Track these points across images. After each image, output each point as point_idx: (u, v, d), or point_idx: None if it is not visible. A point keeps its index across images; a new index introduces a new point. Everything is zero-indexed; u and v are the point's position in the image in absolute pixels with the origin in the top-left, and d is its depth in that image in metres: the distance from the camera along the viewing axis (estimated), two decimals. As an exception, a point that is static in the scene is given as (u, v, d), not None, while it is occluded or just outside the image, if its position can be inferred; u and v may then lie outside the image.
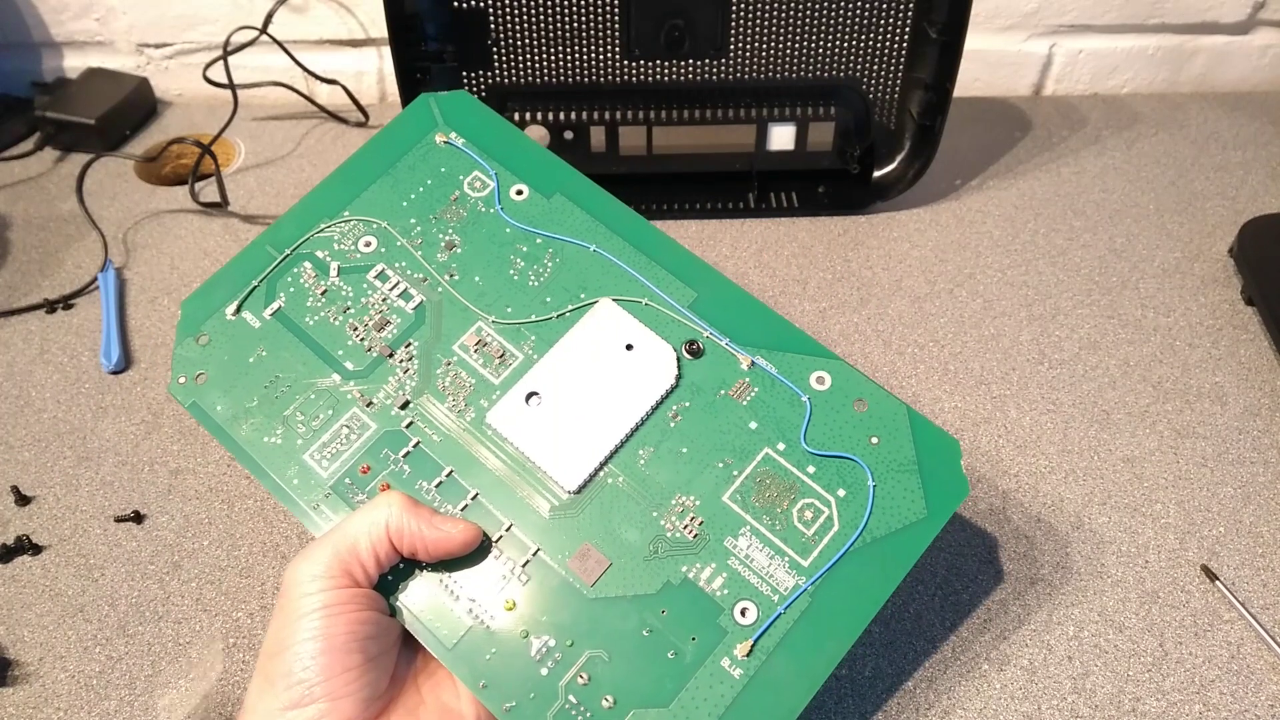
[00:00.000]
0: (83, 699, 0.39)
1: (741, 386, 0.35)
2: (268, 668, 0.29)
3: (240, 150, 0.70)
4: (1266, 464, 0.47)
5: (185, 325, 0.38)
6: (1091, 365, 0.53)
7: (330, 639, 0.28)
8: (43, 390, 0.52)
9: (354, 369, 0.36)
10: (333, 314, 0.37)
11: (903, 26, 0.57)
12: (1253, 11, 0.72)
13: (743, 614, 0.31)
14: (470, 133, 0.40)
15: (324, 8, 0.72)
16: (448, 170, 0.40)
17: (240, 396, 0.36)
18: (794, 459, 0.34)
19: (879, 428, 0.34)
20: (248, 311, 0.37)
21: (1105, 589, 0.42)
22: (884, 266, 0.59)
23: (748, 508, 0.33)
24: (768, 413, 0.34)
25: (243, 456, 0.35)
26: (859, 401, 0.34)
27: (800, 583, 0.32)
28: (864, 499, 0.33)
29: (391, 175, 0.40)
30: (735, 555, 0.32)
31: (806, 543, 0.32)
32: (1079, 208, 0.63)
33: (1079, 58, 0.75)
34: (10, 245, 0.61)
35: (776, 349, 0.35)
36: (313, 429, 0.35)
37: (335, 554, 0.30)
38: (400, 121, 0.41)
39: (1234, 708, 0.38)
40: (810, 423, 0.34)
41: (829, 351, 0.35)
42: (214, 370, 0.36)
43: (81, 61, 0.75)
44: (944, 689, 0.39)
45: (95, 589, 0.43)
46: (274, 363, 0.36)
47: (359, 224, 0.39)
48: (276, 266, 0.38)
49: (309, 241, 0.39)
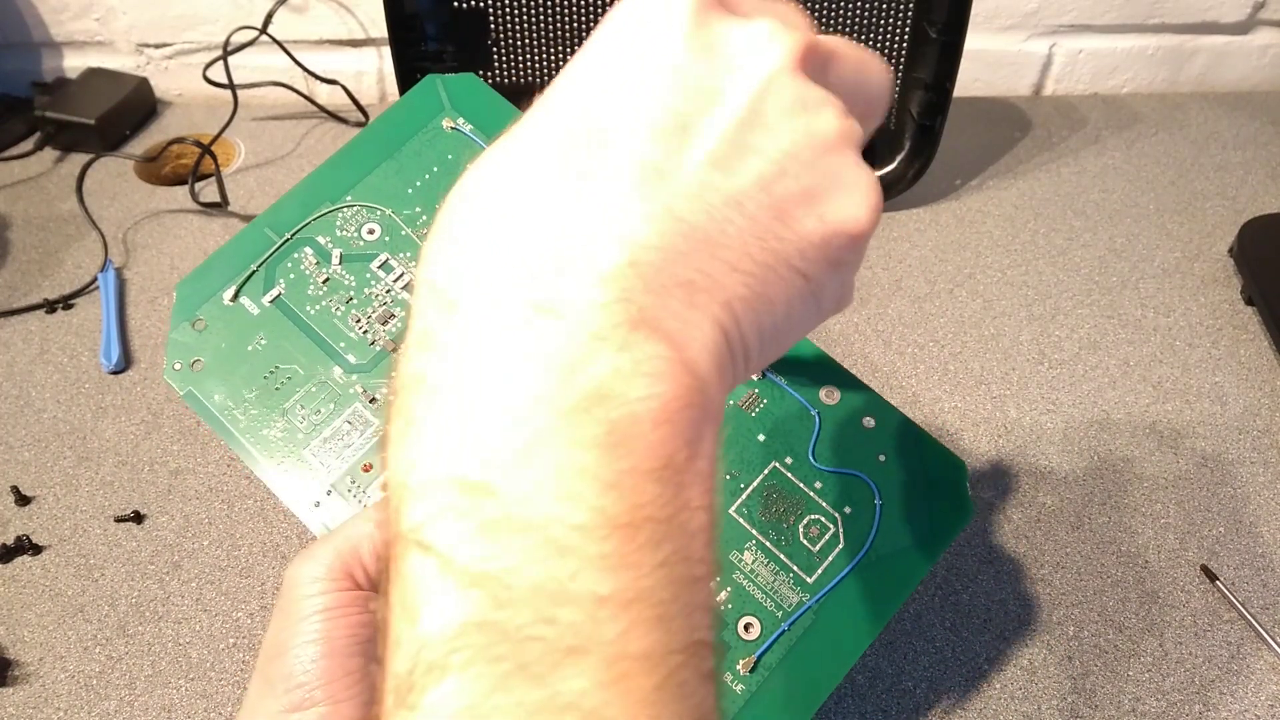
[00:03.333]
0: (83, 699, 0.39)
1: (751, 398, 0.34)
2: (268, 669, 0.29)
3: (240, 150, 0.70)
4: (1266, 464, 0.47)
5: (180, 309, 0.36)
6: (1091, 365, 0.53)
7: (331, 642, 0.28)
8: (43, 390, 0.52)
9: (357, 362, 0.35)
10: (335, 304, 0.36)
11: (903, 26, 0.57)
12: (1253, 11, 0.72)
13: (746, 629, 0.31)
14: (478, 118, 0.39)
15: (324, 8, 0.72)
16: (455, 157, 0.38)
17: (238, 385, 0.35)
18: (801, 474, 0.33)
19: (887, 445, 0.34)
20: (246, 297, 0.36)
21: (1105, 589, 0.42)
22: (884, 266, 0.59)
23: (754, 522, 0.33)
24: (776, 426, 0.34)
25: (240, 448, 0.34)
26: (867, 418, 0.34)
27: (804, 599, 0.31)
28: (870, 517, 0.33)
29: (396, 160, 0.38)
30: (740, 569, 0.32)
31: (812, 559, 0.32)
32: (1079, 208, 0.63)
33: (1079, 58, 0.75)
34: (10, 245, 0.61)
35: (787, 360, 0.35)
36: (314, 423, 0.34)
37: (337, 555, 0.30)
38: (406, 103, 0.39)
39: (1234, 708, 0.38)
40: (818, 438, 0.34)
41: (839, 366, 0.35)
42: (211, 357, 0.35)
43: (81, 61, 0.75)
44: (944, 689, 0.39)
45: (95, 589, 0.43)
46: (274, 352, 0.35)
47: (362, 209, 0.37)
48: (276, 250, 0.37)
49: (310, 226, 0.37)
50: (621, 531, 0.16)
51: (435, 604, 0.16)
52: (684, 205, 0.18)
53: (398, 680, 0.16)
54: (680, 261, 0.18)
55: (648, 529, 0.16)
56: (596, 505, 0.16)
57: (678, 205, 0.18)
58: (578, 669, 0.15)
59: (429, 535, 0.16)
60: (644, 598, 0.16)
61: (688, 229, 0.18)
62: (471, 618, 0.15)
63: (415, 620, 0.16)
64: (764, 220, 0.19)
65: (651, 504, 0.16)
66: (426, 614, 0.16)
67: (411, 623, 0.16)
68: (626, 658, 0.16)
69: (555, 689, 0.15)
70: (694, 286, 0.18)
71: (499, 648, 0.15)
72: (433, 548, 0.16)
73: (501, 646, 0.15)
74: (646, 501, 0.16)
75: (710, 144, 0.19)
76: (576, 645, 0.15)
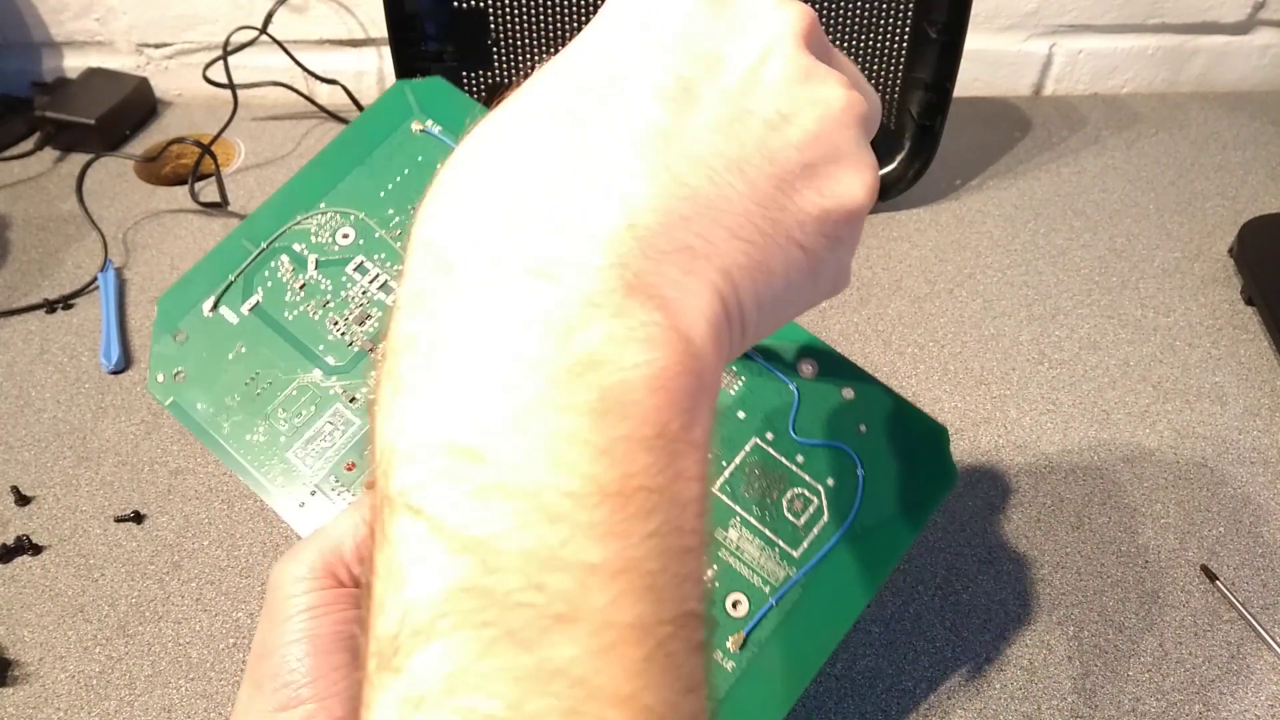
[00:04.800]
0: (83, 699, 0.39)
1: (728, 376, 0.35)
2: (256, 671, 0.29)
3: (240, 150, 0.70)
4: (1266, 464, 0.47)
5: (162, 322, 0.37)
6: (1091, 365, 0.53)
7: (316, 640, 0.28)
8: (43, 390, 0.52)
9: (336, 364, 0.36)
10: (312, 308, 0.37)
11: (903, 26, 0.57)
12: (1253, 11, 0.72)
13: (734, 606, 0.31)
14: (447, 120, 0.39)
15: (324, 8, 0.72)
16: (425, 159, 0.38)
17: (220, 394, 0.35)
18: (783, 449, 0.33)
19: (867, 415, 0.34)
20: (225, 307, 0.37)
21: (1105, 589, 0.42)
22: (884, 266, 0.59)
23: (737, 499, 0.33)
24: (755, 402, 0.34)
25: (225, 455, 0.35)
26: (846, 389, 0.34)
27: (791, 574, 0.32)
28: (853, 488, 0.33)
29: (368, 165, 0.39)
30: (726, 546, 0.32)
31: (797, 533, 0.32)
32: (1079, 208, 0.63)
33: (1079, 58, 0.75)
34: (10, 245, 0.61)
35: (766, 344, 0.35)
36: (295, 426, 0.35)
37: (320, 555, 0.30)
38: (375, 110, 0.40)
39: (1234, 708, 0.38)
40: (798, 411, 0.34)
41: (816, 338, 0.35)
42: (193, 367, 0.36)
43: (81, 61, 0.75)
44: (944, 689, 0.39)
45: (95, 589, 0.43)
46: (254, 359, 0.36)
47: (336, 215, 0.38)
48: (253, 261, 0.37)
49: (285, 234, 0.38)
50: (612, 500, 0.16)
51: (423, 568, 0.16)
52: (685, 168, 0.18)
53: (381, 644, 0.16)
54: (680, 225, 0.18)
55: (639, 498, 0.16)
56: (588, 473, 0.16)
57: (679, 167, 0.18)
58: (566, 636, 0.15)
59: (418, 499, 0.16)
60: (634, 567, 0.16)
61: (689, 192, 0.18)
62: (460, 583, 0.15)
63: (402, 584, 0.16)
64: (765, 188, 0.19)
65: (643, 473, 0.16)
66: (414, 578, 0.16)
67: (398, 586, 0.16)
68: (615, 626, 0.15)
69: (543, 655, 0.15)
70: (693, 252, 0.18)
71: (487, 613, 0.15)
72: (422, 511, 0.16)
73: (490, 612, 0.15)
74: (638, 470, 0.16)
75: (714, 108, 0.19)
76: (565, 613, 0.15)
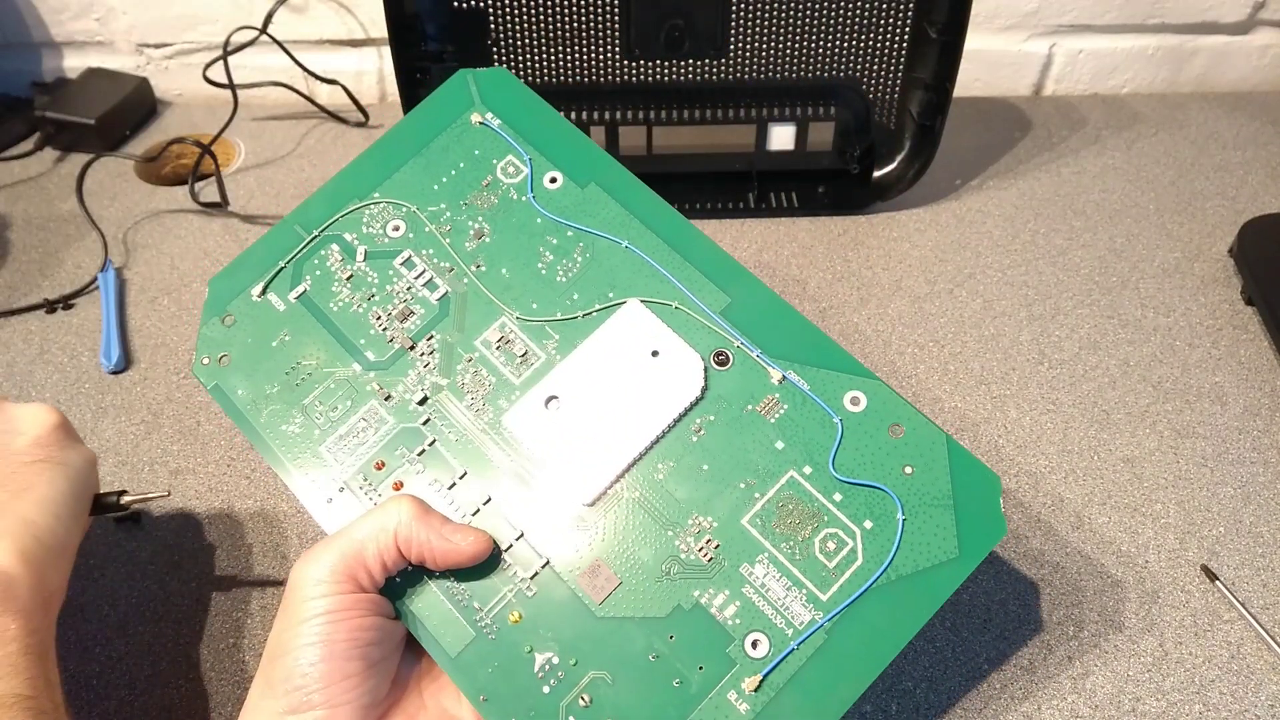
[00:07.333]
0: (83, 699, 0.39)
1: (770, 402, 0.33)
2: (269, 670, 0.29)
3: (240, 150, 0.70)
4: (1266, 464, 0.47)
5: (212, 304, 0.37)
6: (1091, 365, 0.53)
7: (331, 645, 0.28)
8: (43, 390, 0.52)
9: (375, 359, 0.35)
10: (357, 301, 0.36)
11: (903, 26, 0.57)
12: (1253, 11, 0.72)
13: (754, 646, 0.30)
14: (507, 113, 0.38)
15: (324, 8, 0.72)
16: (482, 153, 0.38)
17: (261, 381, 0.35)
18: (820, 485, 0.32)
19: (914, 457, 0.32)
20: (273, 293, 0.37)
21: (1105, 589, 0.42)
22: (884, 266, 0.59)
23: (768, 533, 0.31)
24: (796, 432, 0.32)
25: (260, 443, 0.34)
26: (895, 427, 0.32)
27: (817, 618, 0.30)
28: (892, 533, 0.31)
29: (424, 156, 0.38)
30: (750, 583, 0.31)
31: (827, 576, 0.31)
32: (1079, 208, 0.63)
33: (1079, 58, 0.75)
34: (10, 245, 0.61)
35: (811, 364, 0.33)
36: (331, 420, 0.34)
37: (341, 558, 0.30)
38: (436, 99, 0.39)
39: (1234, 708, 0.38)
40: (841, 446, 0.32)
41: (868, 371, 0.33)
42: (237, 352, 0.36)
43: (81, 61, 0.75)
44: (944, 689, 0.39)
45: (95, 589, 0.43)
46: (296, 348, 0.36)
47: (388, 206, 0.37)
48: (305, 248, 0.37)
49: (337, 223, 0.37)
50: None
51: None
52: None
53: None
54: None
55: None
56: None
57: None
58: None
59: None
60: None
61: None
62: None
63: None
64: None
65: None
66: None
67: None
68: None
69: None
70: None
71: None
72: None
73: None
74: None
75: None
76: None
